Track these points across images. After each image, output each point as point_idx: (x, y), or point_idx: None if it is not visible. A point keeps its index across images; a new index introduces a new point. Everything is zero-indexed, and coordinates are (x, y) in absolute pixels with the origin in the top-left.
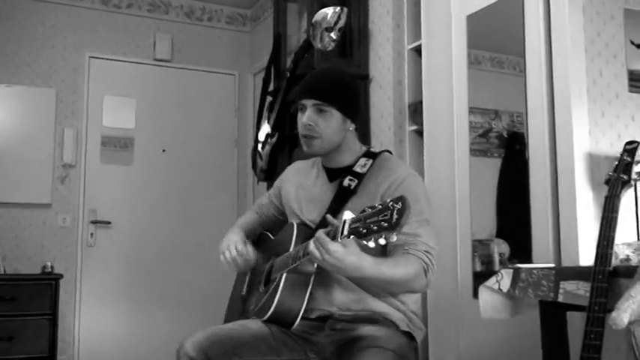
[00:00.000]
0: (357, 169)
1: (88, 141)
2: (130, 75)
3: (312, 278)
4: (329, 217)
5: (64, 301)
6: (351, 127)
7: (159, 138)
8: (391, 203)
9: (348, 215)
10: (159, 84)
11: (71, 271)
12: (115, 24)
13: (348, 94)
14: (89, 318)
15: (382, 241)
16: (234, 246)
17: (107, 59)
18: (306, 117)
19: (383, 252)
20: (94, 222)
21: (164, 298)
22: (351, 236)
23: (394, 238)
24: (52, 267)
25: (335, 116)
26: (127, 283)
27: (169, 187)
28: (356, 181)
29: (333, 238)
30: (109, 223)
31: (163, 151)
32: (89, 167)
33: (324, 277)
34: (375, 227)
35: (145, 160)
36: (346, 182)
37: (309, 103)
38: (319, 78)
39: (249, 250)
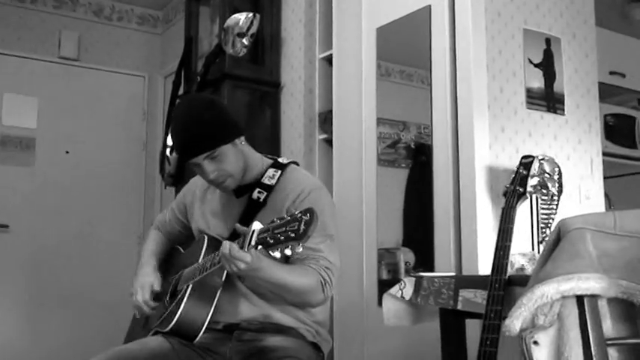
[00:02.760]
0: (266, 180)
1: None
2: (32, 72)
3: (219, 291)
4: (238, 225)
5: None
6: (240, 141)
7: (63, 139)
8: (299, 215)
9: (256, 225)
10: (64, 83)
11: None
12: (18, 19)
13: (218, 123)
14: None
15: (288, 252)
16: (147, 292)
17: (8, 55)
18: (208, 172)
19: None
20: None
21: (65, 305)
22: (259, 246)
23: (300, 248)
24: None
25: (227, 150)
26: (25, 289)
27: (73, 190)
28: (265, 193)
29: (241, 247)
30: (7, 226)
31: (67, 152)
32: None
33: (231, 290)
34: (282, 237)
35: (47, 161)
36: (255, 195)
37: (199, 160)
38: (186, 133)
39: (152, 304)
